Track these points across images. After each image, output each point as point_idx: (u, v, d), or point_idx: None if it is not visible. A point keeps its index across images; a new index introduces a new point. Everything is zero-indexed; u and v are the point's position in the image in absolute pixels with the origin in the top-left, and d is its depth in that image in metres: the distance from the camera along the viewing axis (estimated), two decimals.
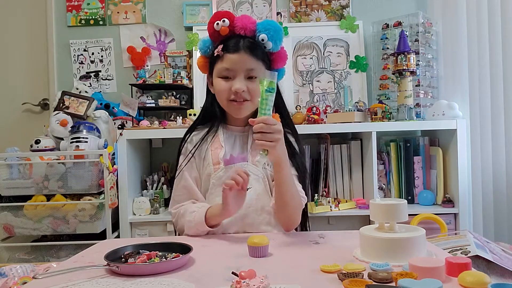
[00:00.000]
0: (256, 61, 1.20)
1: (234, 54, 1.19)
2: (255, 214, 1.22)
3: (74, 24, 2.57)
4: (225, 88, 1.21)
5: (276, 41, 1.21)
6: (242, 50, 1.18)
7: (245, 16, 1.22)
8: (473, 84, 2.21)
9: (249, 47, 1.19)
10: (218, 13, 1.23)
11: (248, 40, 1.20)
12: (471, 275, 0.74)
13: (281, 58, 1.26)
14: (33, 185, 2.00)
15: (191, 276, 0.85)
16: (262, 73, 1.18)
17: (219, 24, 1.20)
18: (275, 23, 1.22)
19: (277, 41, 1.22)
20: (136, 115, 2.26)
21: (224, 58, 1.20)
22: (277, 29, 1.21)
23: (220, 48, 1.20)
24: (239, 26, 1.19)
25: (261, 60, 1.21)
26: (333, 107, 2.38)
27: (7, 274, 1.17)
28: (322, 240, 1.10)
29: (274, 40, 1.21)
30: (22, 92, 2.64)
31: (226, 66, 1.20)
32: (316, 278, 0.81)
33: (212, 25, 1.22)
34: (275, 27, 1.21)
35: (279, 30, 1.21)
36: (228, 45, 1.20)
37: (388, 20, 2.35)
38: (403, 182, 2.19)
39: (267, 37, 1.19)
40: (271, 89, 1.02)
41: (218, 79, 1.23)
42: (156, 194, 2.16)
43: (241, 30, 1.20)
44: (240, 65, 1.19)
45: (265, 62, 1.22)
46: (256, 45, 1.21)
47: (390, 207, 0.92)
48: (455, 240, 1.60)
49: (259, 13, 2.51)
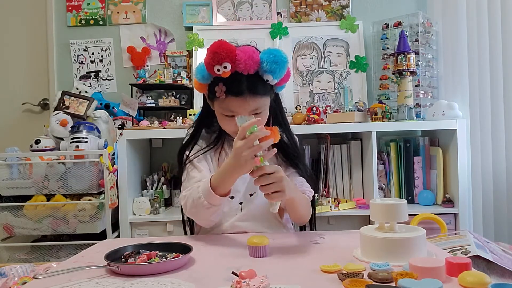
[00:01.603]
0: (261, 99, 1.13)
1: (237, 97, 1.09)
2: (257, 221, 1.23)
3: (74, 24, 2.57)
4: (230, 126, 1.15)
5: (281, 75, 1.12)
6: (245, 92, 1.09)
7: (247, 54, 1.07)
8: (473, 84, 2.21)
9: (252, 89, 1.09)
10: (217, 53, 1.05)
11: (251, 79, 1.09)
12: (471, 275, 0.74)
13: (284, 80, 1.18)
14: (33, 185, 2.00)
15: (191, 276, 0.85)
16: (266, 105, 1.15)
17: (220, 70, 1.07)
18: (280, 58, 1.08)
19: (281, 75, 1.12)
20: (136, 115, 2.26)
21: (227, 100, 1.10)
22: (282, 65, 1.09)
23: (223, 90, 1.09)
24: (242, 67, 1.06)
25: (265, 95, 1.14)
26: (333, 107, 2.38)
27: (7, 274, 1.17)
28: (322, 240, 1.10)
29: (279, 76, 1.11)
30: (22, 92, 2.64)
31: (230, 109, 1.12)
32: (316, 278, 0.81)
33: (211, 67, 1.08)
34: (281, 64, 1.08)
35: (284, 64, 1.10)
36: (230, 88, 1.09)
37: (388, 20, 2.35)
38: (403, 182, 2.19)
39: (273, 77, 1.09)
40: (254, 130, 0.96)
41: (222, 116, 1.16)
42: (156, 194, 2.16)
43: (244, 71, 1.07)
44: (245, 108, 1.11)
45: (268, 93, 1.16)
46: (259, 83, 1.11)
47: (390, 207, 0.92)
48: (455, 240, 1.60)
49: (259, 13, 2.51)
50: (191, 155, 1.23)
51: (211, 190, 1.03)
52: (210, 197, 1.04)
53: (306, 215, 1.23)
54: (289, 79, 1.19)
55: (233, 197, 1.23)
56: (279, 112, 1.26)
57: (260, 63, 1.08)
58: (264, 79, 1.10)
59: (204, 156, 1.24)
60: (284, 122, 1.27)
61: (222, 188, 1.04)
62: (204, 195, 1.05)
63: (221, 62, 1.05)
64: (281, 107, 1.28)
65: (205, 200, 1.05)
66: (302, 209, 1.18)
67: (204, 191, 1.05)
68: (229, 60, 1.05)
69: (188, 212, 1.14)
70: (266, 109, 1.17)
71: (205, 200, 1.05)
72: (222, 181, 1.04)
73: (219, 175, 1.05)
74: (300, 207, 1.16)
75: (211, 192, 1.03)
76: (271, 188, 0.98)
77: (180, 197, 1.18)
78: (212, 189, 1.04)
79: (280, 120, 1.25)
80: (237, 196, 1.23)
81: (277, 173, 0.99)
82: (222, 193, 1.05)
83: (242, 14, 2.51)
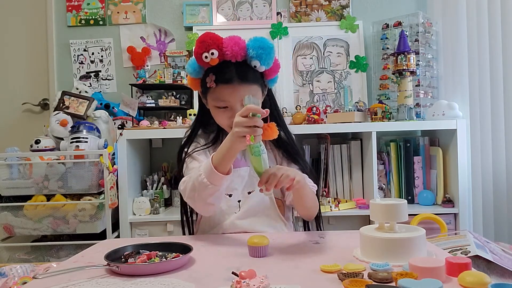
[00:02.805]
0: (250, 86, 1.15)
1: (227, 85, 1.13)
2: (258, 218, 1.23)
3: (74, 24, 2.57)
4: (224, 119, 1.17)
5: (268, 62, 1.15)
6: (234, 80, 1.12)
7: (234, 41, 1.12)
8: (473, 84, 2.21)
9: (241, 75, 1.13)
10: (204, 41, 1.11)
11: (239, 67, 1.13)
12: (471, 275, 0.74)
13: (274, 71, 1.21)
14: (33, 185, 2.00)
15: (191, 276, 0.85)
16: (258, 94, 1.17)
17: (207, 57, 1.11)
18: (265, 44, 1.13)
19: (269, 62, 1.15)
20: (136, 115, 2.26)
21: (218, 89, 1.14)
22: (268, 50, 1.13)
23: (213, 80, 1.14)
24: (229, 54, 1.11)
25: (255, 83, 1.17)
26: (333, 107, 2.38)
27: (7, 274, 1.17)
28: (322, 240, 1.10)
29: (266, 62, 1.14)
30: (22, 92, 2.64)
31: (221, 98, 1.15)
32: (316, 278, 0.81)
33: (199, 55, 1.12)
34: (267, 49, 1.13)
35: (271, 50, 1.14)
36: (219, 76, 1.13)
37: (388, 20, 2.35)
38: (403, 182, 2.19)
39: (260, 62, 1.13)
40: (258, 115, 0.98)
41: (215, 109, 1.18)
42: (156, 194, 2.16)
43: (232, 58, 1.12)
44: (235, 96, 1.13)
45: (258, 82, 1.18)
46: (248, 70, 1.14)
47: (390, 207, 0.92)
48: (455, 240, 1.60)
49: (259, 13, 2.50)
50: (190, 150, 1.24)
51: (212, 167, 1.02)
52: (211, 175, 1.03)
53: (314, 208, 1.23)
54: (278, 70, 1.22)
55: (231, 195, 1.23)
56: (274, 108, 1.27)
57: (246, 49, 1.13)
58: (252, 66, 1.14)
59: (203, 151, 1.24)
60: (279, 118, 1.28)
61: (222, 166, 1.03)
62: (205, 172, 1.04)
63: (208, 49, 1.10)
64: (276, 103, 1.30)
65: (205, 178, 1.04)
66: (310, 200, 1.18)
67: (206, 169, 1.04)
68: (216, 47, 1.10)
69: (187, 196, 1.12)
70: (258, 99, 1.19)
71: (205, 178, 1.04)
72: (222, 157, 1.03)
73: (219, 152, 1.04)
74: (308, 197, 1.16)
75: (212, 169, 1.02)
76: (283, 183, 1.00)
77: (180, 183, 1.17)
78: (214, 166, 1.03)
79: (276, 116, 1.26)
80: (235, 194, 1.24)
81: (281, 169, 1.01)
82: (223, 171, 1.03)
83: (242, 14, 2.51)
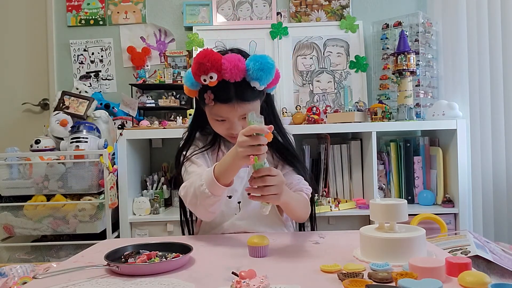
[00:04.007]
0: (249, 104, 1.14)
1: (226, 104, 1.11)
2: (258, 219, 1.23)
3: (74, 24, 2.57)
4: (222, 130, 1.18)
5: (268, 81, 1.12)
6: (233, 100, 1.10)
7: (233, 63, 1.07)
8: (473, 84, 2.21)
9: (240, 96, 1.11)
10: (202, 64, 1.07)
11: (238, 86, 1.10)
12: (471, 275, 0.74)
13: (274, 83, 1.19)
14: (33, 185, 2.00)
15: (191, 276, 0.85)
16: (258, 105, 1.17)
17: (206, 80, 1.08)
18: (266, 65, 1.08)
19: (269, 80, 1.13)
20: (136, 115, 2.26)
21: (216, 106, 1.13)
22: (268, 71, 1.09)
23: (211, 98, 1.11)
24: (228, 76, 1.07)
25: (253, 100, 1.15)
26: (333, 107, 2.38)
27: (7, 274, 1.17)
28: (322, 240, 1.10)
29: (266, 82, 1.12)
30: (22, 92, 2.64)
31: (220, 114, 1.14)
32: (316, 278, 0.81)
33: (197, 77, 1.10)
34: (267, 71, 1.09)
35: (271, 70, 1.10)
36: (218, 95, 1.11)
37: (388, 20, 2.35)
38: (403, 182, 2.19)
39: (259, 83, 1.10)
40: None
41: (214, 120, 1.18)
42: (156, 194, 2.16)
43: (231, 79, 1.08)
44: (234, 114, 1.13)
45: (257, 97, 1.17)
46: (247, 89, 1.11)
47: (390, 207, 0.92)
48: (455, 240, 1.60)
49: (259, 13, 2.50)
50: (188, 154, 1.24)
51: (214, 179, 1.02)
52: (212, 186, 1.02)
53: (304, 214, 1.23)
54: (278, 81, 1.20)
55: (231, 196, 1.23)
56: (271, 112, 1.27)
57: (246, 70, 1.09)
58: (253, 87, 1.11)
59: (202, 154, 1.24)
60: (276, 122, 1.27)
61: (225, 178, 1.03)
62: (206, 183, 1.04)
63: (207, 73, 1.07)
64: (273, 107, 1.29)
65: (206, 188, 1.03)
66: (299, 210, 1.18)
67: (207, 179, 1.04)
68: (215, 70, 1.07)
69: (188, 202, 1.12)
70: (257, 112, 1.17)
71: (206, 188, 1.03)
72: (225, 170, 1.02)
73: (222, 165, 1.03)
74: (297, 208, 1.16)
75: (214, 181, 1.02)
76: (270, 190, 0.97)
77: (180, 189, 1.16)
78: (215, 178, 1.03)
79: (272, 120, 1.25)
80: (235, 196, 1.24)
81: (279, 176, 1.00)
82: (225, 183, 1.04)
83: (242, 14, 2.51)
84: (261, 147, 0.95)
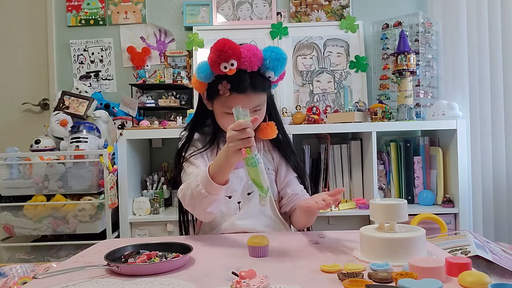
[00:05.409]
0: (261, 95, 1.17)
1: (241, 94, 1.13)
2: (258, 219, 1.23)
3: (74, 24, 2.57)
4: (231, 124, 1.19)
5: (280, 72, 1.18)
6: (248, 90, 1.13)
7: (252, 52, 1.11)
8: (473, 84, 2.21)
9: (254, 85, 1.14)
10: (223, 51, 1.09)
11: (253, 77, 1.14)
12: (471, 275, 0.74)
13: (281, 78, 1.23)
14: (33, 185, 2.00)
15: (191, 276, 0.85)
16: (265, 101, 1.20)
17: (226, 67, 1.10)
18: (281, 55, 1.15)
19: (281, 72, 1.18)
20: (136, 115, 2.26)
21: (231, 97, 1.14)
22: (283, 62, 1.16)
23: (228, 88, 1.13)
24: (247, 64, 1.11)
25: (265, 91, 1.19)
26: (333, 107, 2.38)
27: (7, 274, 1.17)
28: (322, 240, 1.10)
29: (279, 73, 1.17)
30: (22, 92, 2.64)
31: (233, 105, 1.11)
32: (316, 278, 0.81)
33: (217, 64, 1.10)
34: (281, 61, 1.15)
35: (284, 61, 1.16)
36: (234, 85, 1.13)
37: (388, 20, 2.35)
38: (403, 182, 2.19)
39: (274, 73, 1.16)
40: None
41: (223, 114, 1.18)
42: (156, 194, 2.16)
43: (248, 68, 1.12)
44: (247, 104, 1.14)
45: (268, 89, 1.21)
46: (260, 79, 1.16)
47: (390, 207, 0.92)
48: (455, 240, 1.61)
49: (259, 13, 2.51)
50: (187, 155, 1.25)
51: (210, 178, 1.03)
52: (208, 185, 1.03)
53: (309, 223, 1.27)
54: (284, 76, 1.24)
55: (231, 196, 1.23)
56: (272, 109, 1.29)
57: (263, 60, 1.13)
58: (266, 76, 1.16)
59: (200, 155, 1.25)
60: (277, 119, 1.29)
61: (220, 177, 1.04)
62: (202, 183, 1.04)
63: (228, 60, 1.09)
64: (275, 104, 1.32)
65: (203, 188, 1.04)
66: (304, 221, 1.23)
67: (203, 179, 1.04)
68: (235, 57, 1.09)
69: (186, 204, 1.12)
70: (265, 106, 1.21)
71: (203, 189, 1.04)
72: (220, 168, 1.03)
73: (216, 163, 1.04)
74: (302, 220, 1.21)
75: (210, 180, 1.03)
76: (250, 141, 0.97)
77: (178, 191, 1.17)
78: (211, 177, 1.03)
79: (274, 118, 1.27)
80: (235, 196, 1.24)
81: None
82: (220, 182, 1.04)
83: (242, 14, 2.51)
84: (250, 139, 0.97)
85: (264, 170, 1.02)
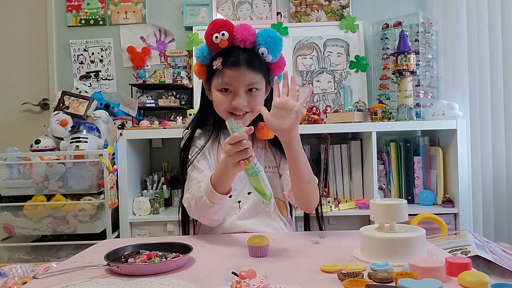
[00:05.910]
0: (256, 74, 1.18)
1: (233, 69, 1.15)
2: (258, 218, 1.23)
3: (74, 24, 2.57)
4: (225, 102, 1.19)
5: (276, 53, 1.19)
6: (242, 64, 1.15)
7: (244, 27, 1.16)
8: (473, 84, 2.21)
9: (249, 61, 1.16)
10: (216, 23, 1.16)
11: (247, 53, 1.17)
12: (471, 275, 0.74)
13: (280, 67, 1.24)
14: (33, 185, 2.00)
15: (191, 276, 0.85)
16: (261, 85, 1.20)
17: (218, 37, 1.14)
18: (274, 34, 1.18)
19: (276, 53, 1.19)
20: (136, 115, 2.26)
21: (224, 72, 1.16)
22: (277, 40, 1.18)
23: (220, 62, 1.16)
24: (239, 38, 1.15)
25: (261, 72, 1.19)
26: (333, 107, 2.38)
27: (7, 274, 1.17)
28: (322, 240, 1.10)
29: (274, 52, 1.18)
30: (22, 92, 2.64)
31: (226, 81, 1.17)
32: (316, 278, 0.81)
33: (210, 36, 1.16)
34: (275, 39, 1.17)
35: (279, 41, 1.18)
36: (227, 59, 1.16)
37: (388, 20, 2.35)
38: (403, 182, 2.19)
39: (267, 50, 1.17)
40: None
41: (217, 92, 1.20)
42: (156, 194, 2.16)
43: (241, 43, 1.16)
44: (240, 81, 1.16)
45: (264, 73, 1.21)
46: (255, 58, 1.18)
47: (390, 207, 0.92)
48: (455, 240, 1.60)
49: (259, 13, 2.51)
50: (190, 156, 1.25)
51: (212, 189, 1.05)
52: (211, 195, 1.06)
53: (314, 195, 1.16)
54: (284, 66, 1.25)
55: (231, 195, 1.23)
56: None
57: (256, 36, 1.17)
58: (260, 53, 1.17)
59: (203, 155, 1.25)
60: None
61: (222, 186, 1.06)
62: (206, 194, 1.07)
63: (219, 30, 1.14)
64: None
65: (207, 199, 1.07)
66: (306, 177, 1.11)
67: (206, 190, 1.07)
68: (227, 29, 1.15)
69: (192, 213, 1.16)
70: (262, 90, 1.22)
71: (207, 199, 1.07)
72: (220, 178, 1.05)
73: (217, 174, 1.06)
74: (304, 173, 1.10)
75: (212, 190, 1.05)
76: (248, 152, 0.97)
77: (183, 200, 1.20)
78: (213, 187, 1.05)
79: None
80: (235, 195, 1.24)
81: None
82: (223, 191, 1.06)
83: (242, 14, 2.51)
84: (247, 150, 0.97)
85: (265, 178, 1.02)
